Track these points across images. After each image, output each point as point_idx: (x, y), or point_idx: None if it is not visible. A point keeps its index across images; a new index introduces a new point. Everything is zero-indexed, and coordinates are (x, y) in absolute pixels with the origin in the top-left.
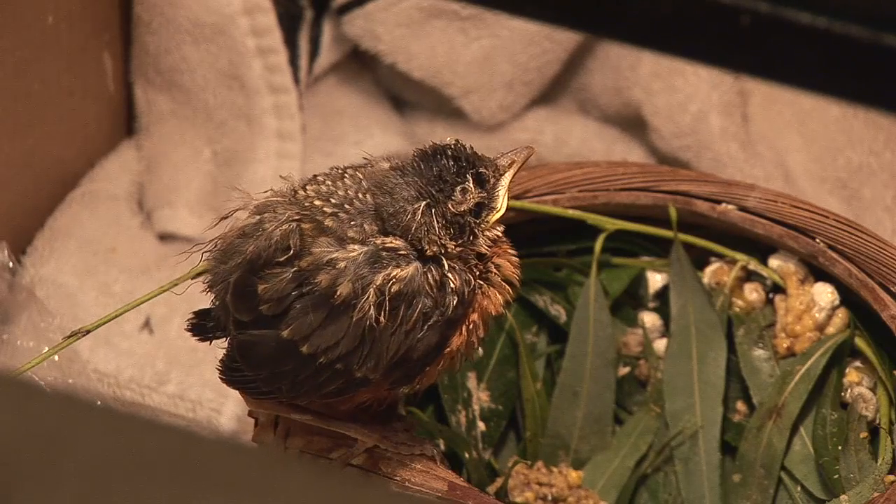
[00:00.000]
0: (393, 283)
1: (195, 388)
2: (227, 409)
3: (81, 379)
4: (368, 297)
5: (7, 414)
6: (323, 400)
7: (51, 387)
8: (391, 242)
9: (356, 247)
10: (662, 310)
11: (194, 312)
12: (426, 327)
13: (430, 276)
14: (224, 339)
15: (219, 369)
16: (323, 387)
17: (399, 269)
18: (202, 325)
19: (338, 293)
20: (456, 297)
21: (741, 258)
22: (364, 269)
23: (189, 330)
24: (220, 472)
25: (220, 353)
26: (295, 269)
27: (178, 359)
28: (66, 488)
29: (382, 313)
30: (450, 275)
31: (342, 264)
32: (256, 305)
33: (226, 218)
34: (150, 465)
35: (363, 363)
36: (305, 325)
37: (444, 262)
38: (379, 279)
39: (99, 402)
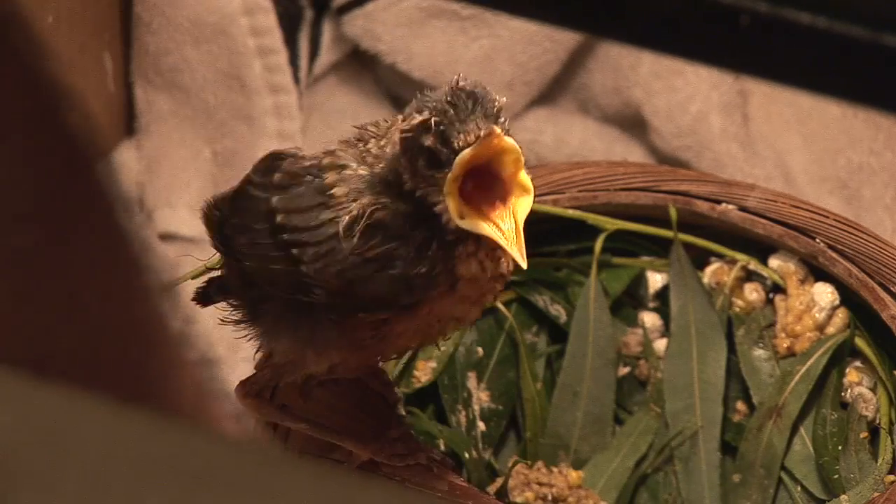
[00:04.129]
0: (378, 209)
1: None
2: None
3: None
4: (350, 209)
5: (7, 414)
6: (268, 280)
7: (51, 386)
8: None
9: (367, 169)
10: (662, 310)
11: (204, 281)
12: (384, 272)
13: (417, 230)
14: (223, 301)
15: (198, 290)
16: (271, 261)
17: (389, 200)
18: (206, 293)
19: (332, 192)
20: (426, 267)
21: (741, 258)
22: (364, 186)
23: (194, 298)
24: (221, 472)
25: (220, 354)
26: (316, 161)
27: None
28: (67, 488)
29: (355, 231)
30: (436, 240)
31: (349, 172)
32: (274, 171)
33: None
34: (150, 464)
35: (314, 259)
36: (292, 201)
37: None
38: (367, 198)
39: (100, 402)
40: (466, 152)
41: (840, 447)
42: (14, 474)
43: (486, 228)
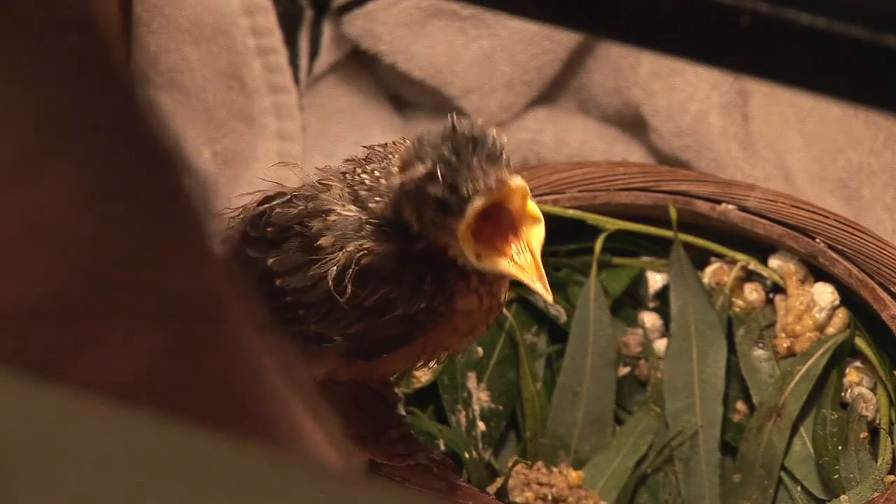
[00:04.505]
0: (364, 255)
1: None
2: None
3: None
4: (336, 259)
5: (7, 414)
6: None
7: (51, 386)
8: (379, 219)
9: (354, 209)
10: (662, 310)
11: None
12: (389, 316)
13: (409, 269)
14: None
15: None
16: (286, 325)
17: (374, 244)
18: None
19: (319, 243)
20: (425, 302)
21: (741, 258)
22: (349, 231)
23: None
24: (222, 472)
25: None
26: (303, 206)
27: None
28: (67, 488)
29: (346, 281)
30: (429, 276)
31: (333, 218)
32: (266, 225)
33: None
34: (151, 464)
35: (321, 319)
36: (287, 261)
37: (431, 262)
38: (352, 246)
39: (100, 402)
40: (479, 202)
41: (840, 447)
42: (14, 474)
43: (507, 267)
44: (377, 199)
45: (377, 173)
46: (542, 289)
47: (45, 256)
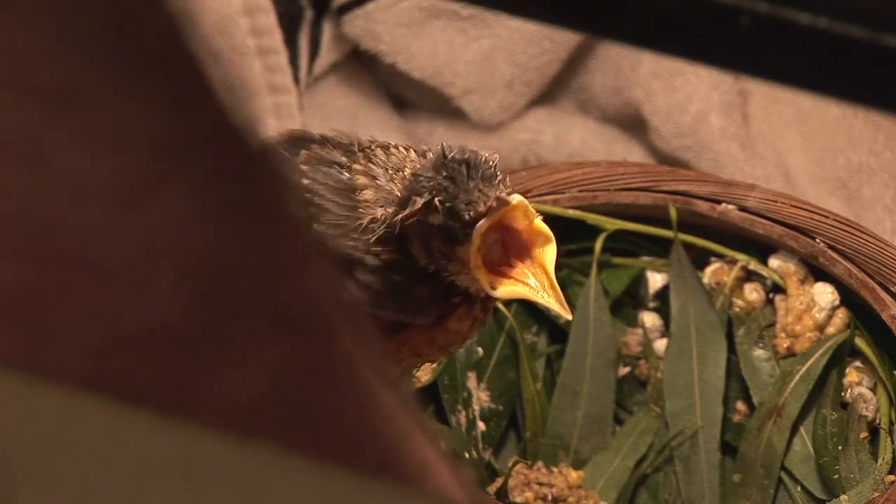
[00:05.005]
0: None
1: None
2: None
3: None
4: (376, 213)
5: (7, 414)
6: None
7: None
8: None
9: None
10: (662, 310)
11: None
12: (377, 313)
13: (418, 284)
14: None
15: None
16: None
17: (389, 253)
18: None
19: (363, 194)
20: (417, 314)
21: (741, 258)
22: (392, 200)
23: None
24: (221, 473)
25: None
26: (347, 161)
27: None
28: (67, 489)
29: (377, 228)
30: (433, 296)
31: (381, 181)
32: (300, 148)
33: None
34: (151, 465)
35: (331, 227)
36: (322, 176)
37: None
38: (393, 210)
39: (100, 402)
40: (482, 224)
41: (840, 447)
42: (14, 475)
43: (524, 292)
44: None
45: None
46: (560, 309)
47: (166, 278)
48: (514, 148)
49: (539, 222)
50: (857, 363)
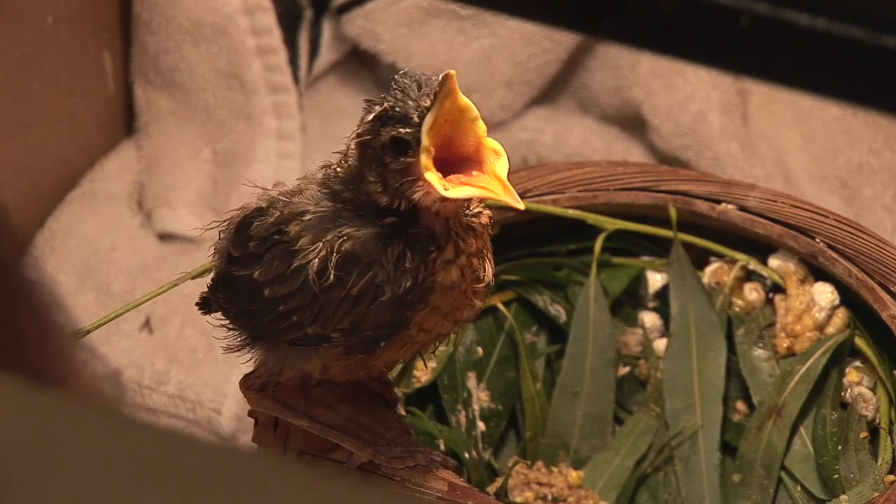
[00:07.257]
0: (343, 241)
1: (195, 387)
2: (227, 409)
3: None
4: (318, 249)
5: (4, 418)
6: (289, 345)
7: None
8: (353, 206)
9: (329, 203)
10: (662, 310)
11: (207, 287)
12: (378, 301)
13: (390, 248)
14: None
15: (201, 296)
16: (282, 334)
17: (352, 229)
18: (208, 300)
19: (300, 244)
20: (410, 279)
21: (741, 258)
22: (326, 224)
23: (198, 304)
24: (217, 476)
25: (220, 353)
26: (278, 214)
27: (177, 359)
28: (63, 492)
29: (328, 272)
30: (409, 251)
31: (309, 217)
32: (248, 241)
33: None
34: (147, 468)
35: (314, 320)
36: (271, 270)
37: (408, 237)
38: (330, 235)
39: (99, 404)
40: (430, 115)
41: (840, 447)
42: (10, 478)
43: (474, 190)
44: (351, 187)
45: (343, 160)
46: (511, 200)
47: None
48: (513, 147)
49: (489, 140)
50: (857, 363)
